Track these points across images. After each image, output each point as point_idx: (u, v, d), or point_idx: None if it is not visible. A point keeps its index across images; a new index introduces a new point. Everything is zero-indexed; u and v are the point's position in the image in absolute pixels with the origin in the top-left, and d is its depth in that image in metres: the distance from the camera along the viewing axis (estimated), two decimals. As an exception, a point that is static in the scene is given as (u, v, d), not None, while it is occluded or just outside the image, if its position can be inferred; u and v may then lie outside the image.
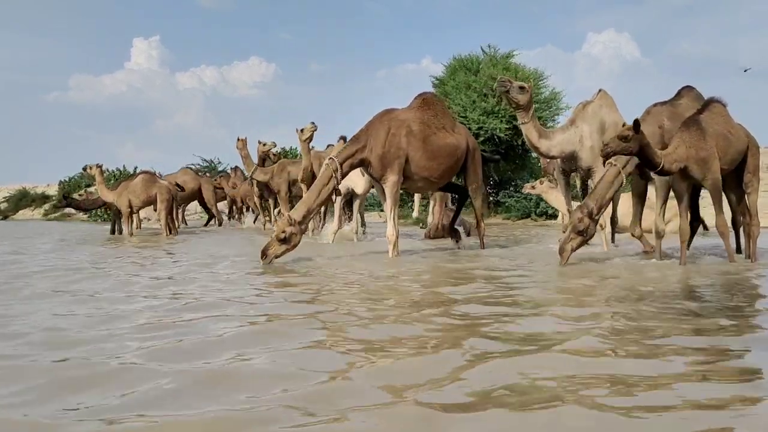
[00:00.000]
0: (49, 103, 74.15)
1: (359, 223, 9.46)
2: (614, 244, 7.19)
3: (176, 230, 11.57)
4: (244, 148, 11.57)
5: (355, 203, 9.32)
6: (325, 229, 8.92)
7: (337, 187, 6.28)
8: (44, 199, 28.62)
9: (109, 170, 21.09)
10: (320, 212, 9.90)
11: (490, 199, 16.18)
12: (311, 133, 8.38)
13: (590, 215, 5.25)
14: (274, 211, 12.68)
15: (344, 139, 9.17)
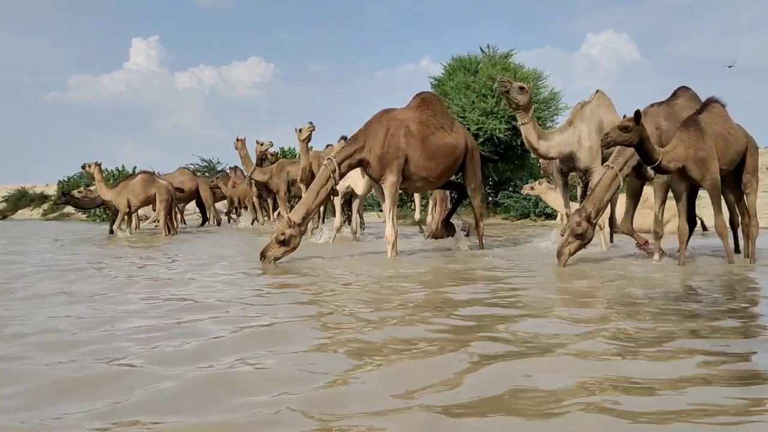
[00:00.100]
0: (47, 103, 74.25)
1: (358, 223, 9.46)
2: (613, 244, 7.22)
3: (175, 230, 11.57)
4: (243, 148, 11.56)
5: (354, 203, 9.33)
6: (323, 229, 8.92)
7: (335, 187, 6.27)
8: (43, 198, 28.63)
9: (108, 170, 21.06)
10: (319, 212, 9.89)
11: (489, 199, 16.17)
12: (309, 132, 8.38)
13: (588, 219, 5.26)
14: (274, 213, 12.70)
15: (345, 138, 9.15)
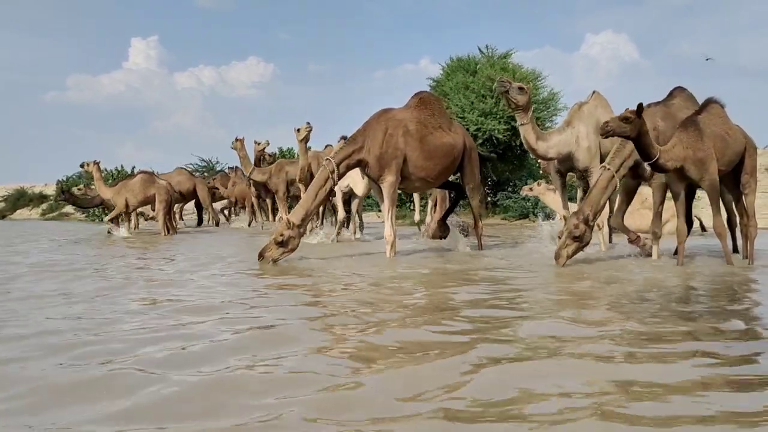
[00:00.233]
0: (47, 102, 74.08)
1: (357, 223, 9.46)
2: (612, 244, 7.24)
3: (175, 230, 11.56)
4: (241, 148, 11.56)
5: (353, 203, 9.33)
6: (318, 232, 8.93)
7: (333, 188, 6.27)
8: (42, 198, 28.60)
9: (107, 170, 21.04)
10: (318, 212, 9.89)
11: (488, 199, 16.17)
12: (307, 132, 8.40)
13: (586, 221, 5.27)
14: (273, 215, 12.70)
15: (344, 138, 9.15)
